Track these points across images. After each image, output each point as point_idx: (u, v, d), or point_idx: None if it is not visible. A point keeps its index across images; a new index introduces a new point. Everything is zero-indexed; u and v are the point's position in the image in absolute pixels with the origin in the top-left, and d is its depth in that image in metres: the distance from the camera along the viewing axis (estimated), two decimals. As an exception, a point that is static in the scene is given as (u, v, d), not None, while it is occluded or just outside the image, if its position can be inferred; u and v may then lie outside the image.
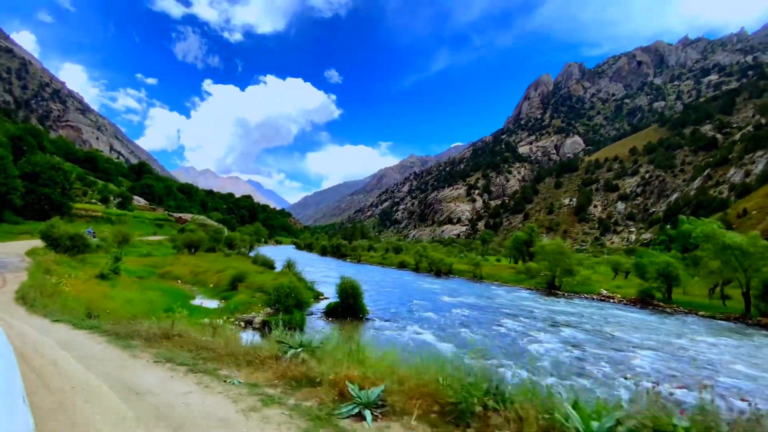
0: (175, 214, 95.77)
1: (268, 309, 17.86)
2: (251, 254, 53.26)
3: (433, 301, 24.83)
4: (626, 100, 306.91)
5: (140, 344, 6.56)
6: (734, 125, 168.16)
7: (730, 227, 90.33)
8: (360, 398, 4.05)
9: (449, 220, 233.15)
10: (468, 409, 3.61)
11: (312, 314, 19.03)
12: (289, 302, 17.07)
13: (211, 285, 23.91)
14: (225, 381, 4.92)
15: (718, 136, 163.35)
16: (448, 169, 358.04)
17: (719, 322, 22.12)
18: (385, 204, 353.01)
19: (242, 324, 15.46)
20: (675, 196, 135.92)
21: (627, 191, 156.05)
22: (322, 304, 21.10)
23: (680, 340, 17.41)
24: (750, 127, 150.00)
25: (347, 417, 3.92)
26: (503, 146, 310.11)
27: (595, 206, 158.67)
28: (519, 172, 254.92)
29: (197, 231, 62.56)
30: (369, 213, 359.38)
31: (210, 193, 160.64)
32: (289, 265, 30.97)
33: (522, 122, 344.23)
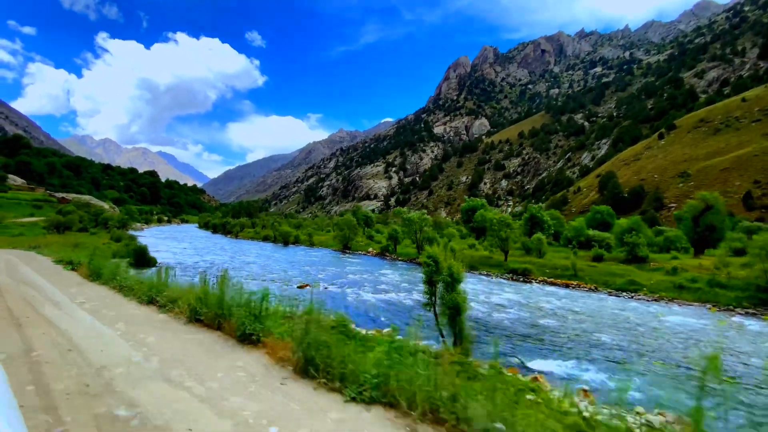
0: (57, 194, 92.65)
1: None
2: (134, 233, 58.16)
3: (230, 259, 34.02)
4: (529, 86, 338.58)
5: None
6: (599, 114, 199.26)
7: (566, 202, 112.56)
8: (145, 297, 12.70)
9: (367, 196, 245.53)
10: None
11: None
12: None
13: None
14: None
15: (586, 123, 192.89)
16: (372, 146, 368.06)
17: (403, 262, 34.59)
18: (311, 180, 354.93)
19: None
20: (544, 175, 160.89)
21: (510, 170, 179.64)
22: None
23: (362, 267, 28.69)
24: (605, 117, 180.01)
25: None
26: (422, 125, 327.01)
27: (485, 183, 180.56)
28: (433, 151, 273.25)
29: (75, 212, 65.13)
30: (294, 189, 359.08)
31: (107, 168, 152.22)
32: (131, 238, 38.28)
33: (440, 102, 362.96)
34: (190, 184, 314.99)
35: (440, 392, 3.02)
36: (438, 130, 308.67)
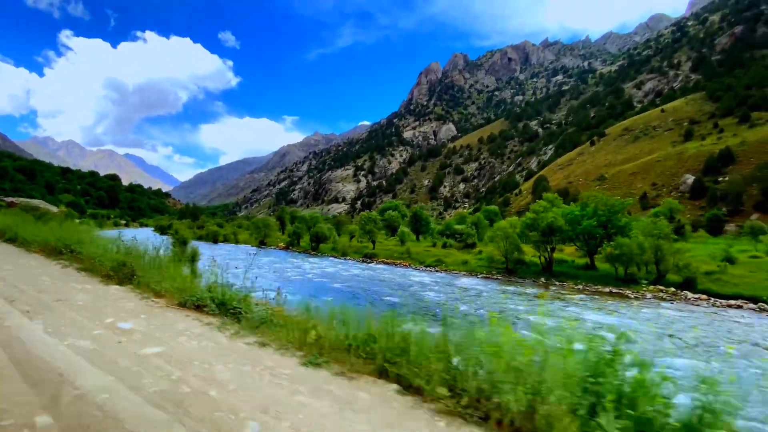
0: (7, 199, 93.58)
1: None
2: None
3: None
4: (496, 93, 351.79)
5: None
6: (553, 122, 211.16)
7: (508, 203, 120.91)
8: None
9: (336, 200, 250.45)
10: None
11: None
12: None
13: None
14: None
15: (540, 130, 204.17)
16: (345, 149, 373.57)
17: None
18: (284, 183, 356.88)
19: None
20: (497, 178, 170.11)
21: (468, 174, 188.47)
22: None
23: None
24: (557, 124, 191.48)
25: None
26: (393, 130, 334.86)
27: (445, 186, 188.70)
28: (402, 155, 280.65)
29: (19, 215, 67.80)
30: (266, 192, 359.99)
31: (66, 172, 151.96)
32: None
33: (411, 107, 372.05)
34: (159, 187, 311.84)
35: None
36: (408, 134, 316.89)
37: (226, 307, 4.33)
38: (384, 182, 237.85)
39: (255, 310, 4.16)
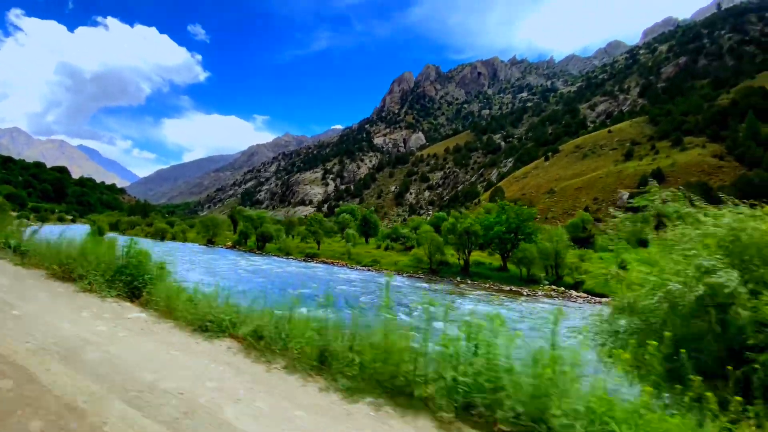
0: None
1: None
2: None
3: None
4: (465, 105, 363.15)
5: None
6: (515, 136, 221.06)
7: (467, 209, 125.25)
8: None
9: (303, 202, 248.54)
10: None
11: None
12: None
13: None
14: None
15: (503, 143, 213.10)
16: (315, 152, 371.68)
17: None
18: (250, 183, 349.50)
19: None
20: (460, 188, 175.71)
21: (434, 183, 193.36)
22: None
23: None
24: (518, 139, 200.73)
25: None
26: (364, 135, 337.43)
27: (411, 193, 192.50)
28: (371, 161, 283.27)
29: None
30: (231, 192, 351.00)
31: (8, 161, 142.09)
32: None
33: (383, 114, 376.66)
34: (115, 182, 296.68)
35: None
36: (378, 141, 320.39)
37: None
38: (352, 186, 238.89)
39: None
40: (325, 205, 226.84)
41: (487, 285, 22.93)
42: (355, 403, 2.57)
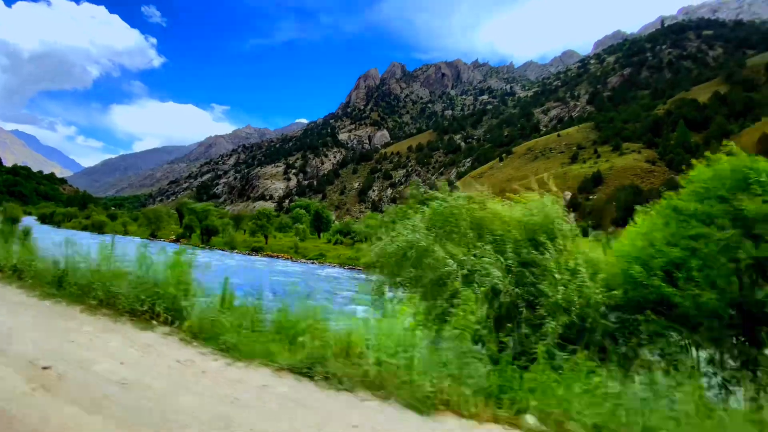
0: None
1: None
2: None
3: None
4: (429, 105, 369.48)
5: None
6: (475, 137, 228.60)
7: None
8: None
9: (263, 197, 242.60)
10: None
11: None
12: None
13: None
14: None
15: (463, 144, 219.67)
16: (278, 145, 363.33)
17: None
18: (207, 176, 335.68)
19: None
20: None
21: (396, 180, 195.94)
22: None
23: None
24: (477, 140, 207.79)
25: None
26: (329, 130, 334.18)
27: (374, 190, 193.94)
28: (335, 157, 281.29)
29: None
30: (186, 185, 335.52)
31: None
32: None
33: (349, 110, 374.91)
34: (55, 171, 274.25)
35: None
36: (343, 136, 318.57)
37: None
38: (315, 182, 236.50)
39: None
40: (287, 201, 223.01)
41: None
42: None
